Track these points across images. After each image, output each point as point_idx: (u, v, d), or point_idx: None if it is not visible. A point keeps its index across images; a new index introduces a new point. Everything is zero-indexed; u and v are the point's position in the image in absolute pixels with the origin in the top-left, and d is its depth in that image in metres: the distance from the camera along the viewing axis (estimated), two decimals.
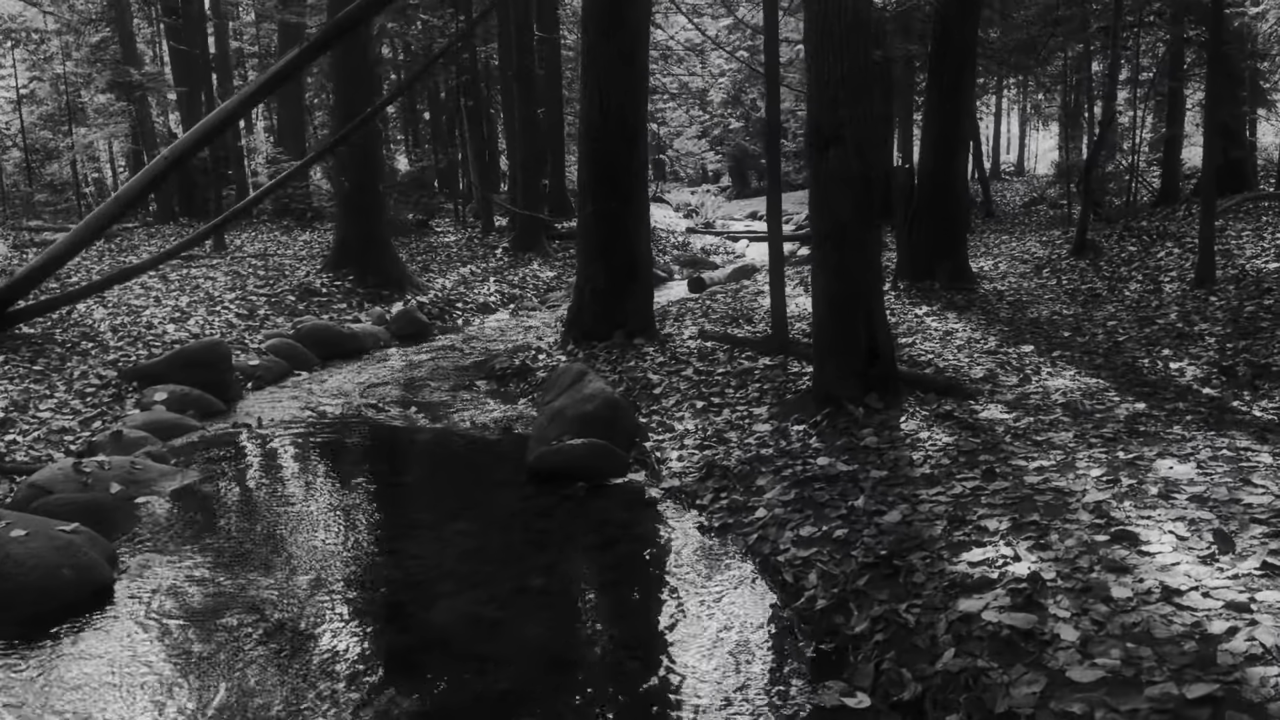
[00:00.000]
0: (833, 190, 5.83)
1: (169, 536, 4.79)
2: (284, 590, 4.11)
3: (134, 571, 4.38)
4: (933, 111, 11.67)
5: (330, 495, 5.51)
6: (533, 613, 3.96)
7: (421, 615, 3.93)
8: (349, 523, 5.03)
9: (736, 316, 10.56)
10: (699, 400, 6.75)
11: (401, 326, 11.12)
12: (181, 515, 5.08)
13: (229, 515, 5.18)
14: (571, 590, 4.24)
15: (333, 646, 3.64)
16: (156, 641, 3.72)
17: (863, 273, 5.90)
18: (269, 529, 4.90)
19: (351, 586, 4.22)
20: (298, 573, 4.32)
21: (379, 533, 4.92)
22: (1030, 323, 9.47)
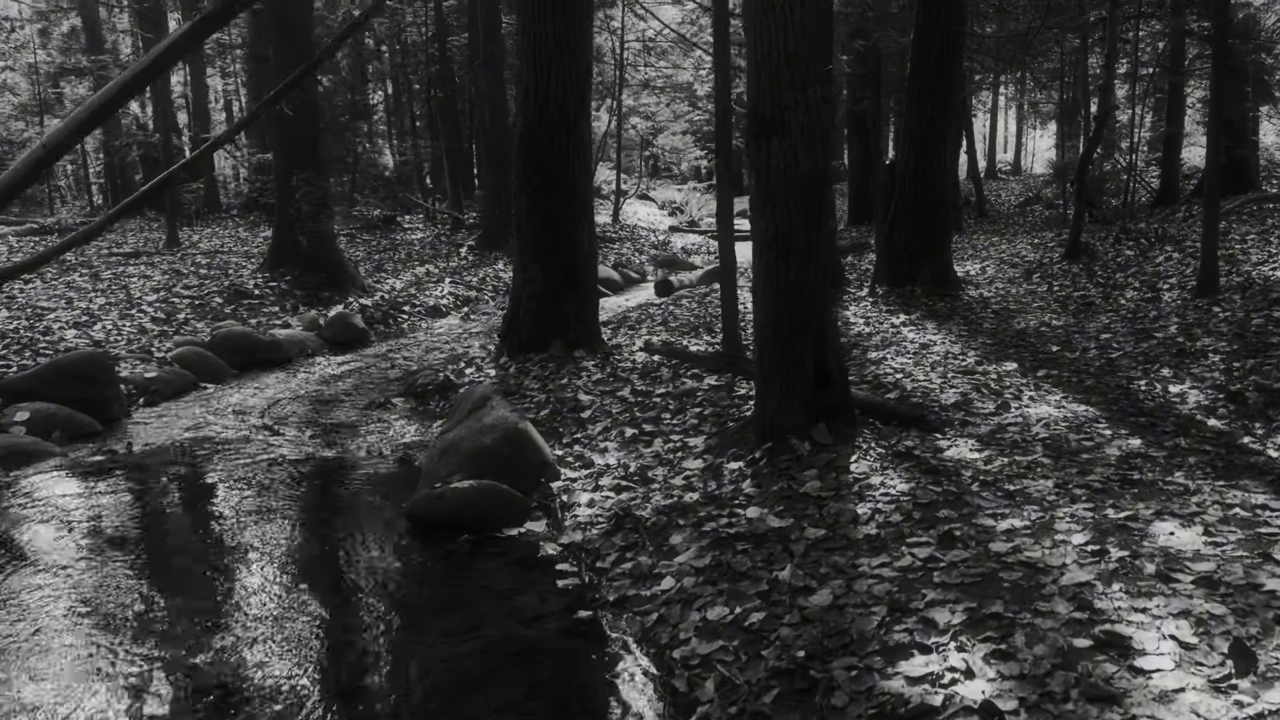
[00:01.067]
0: (776, 189, 4.95)
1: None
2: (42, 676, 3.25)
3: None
4: (914, 102, 10.80)
5: (155, 553, 4.61)
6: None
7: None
8: (158, 594, 4.13)
9: (698, 325, 9.69)
10: (630, 427, 5.88)
11: (335, 332, 10.24)
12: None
13: (16, 576, 4.29)
14: (401, 701, 3.33)
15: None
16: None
17: (812, 286, 5.03)
18: (50, 598, 4.01)
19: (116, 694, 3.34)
20: (67, 657, 3.45)
21: (195, 606, 4.02)
22: (1015, 335, 8.60)
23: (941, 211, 10.97)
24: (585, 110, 7.73)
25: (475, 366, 7.88)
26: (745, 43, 5.02)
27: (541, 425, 6.17)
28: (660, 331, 9.46)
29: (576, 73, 7.55)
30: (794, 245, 4.97)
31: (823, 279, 5.10)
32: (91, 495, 5.35)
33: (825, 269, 5.11)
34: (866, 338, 8.69)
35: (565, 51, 7.45)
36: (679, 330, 9.45)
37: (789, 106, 4.86)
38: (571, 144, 7.59)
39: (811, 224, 4.99)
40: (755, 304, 5.21)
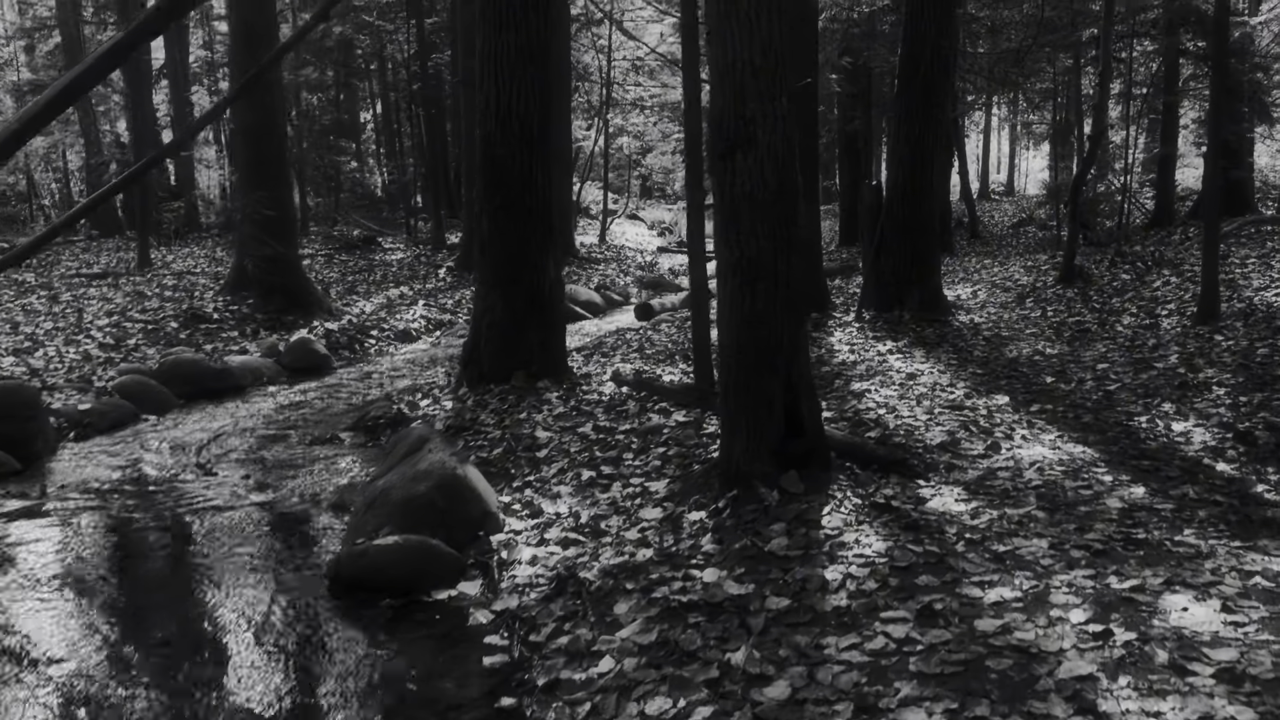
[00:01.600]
0: (742, 210, 4.49)
1: None
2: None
3: None
4: (903, 121, 10.39)
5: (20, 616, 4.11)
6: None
7: None
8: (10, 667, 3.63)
9: (674, 353, 9.22)
10: (588, 468, 5.39)
11: (295, 359, 9.75)
12: None
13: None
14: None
15: None
16: None
17: (781, 319, 4.56)
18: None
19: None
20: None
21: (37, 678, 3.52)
22: (1008, 364, 8.14)
23: (930, 233, 10.54)
24: (551, 126, 7.28)
25: (432, 398, 7.40)
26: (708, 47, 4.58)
27: (493, 465, 5.68)
28: (634, 359, 8.99)
29: (540, 86, 7.11)
30: (761, 272, 4.51)
31: (794, 310, 4.63)
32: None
33: (797, 299, 4.65)
34: (851, 366, 8.23)
35: (527, 63, 7.01)
36: (654, 358, 8.98)
37: (755, 120, 4.41)
38: (535, 161, 7.14)
39: (781, 249, 4.53)
40: (719, 337, 4.74)
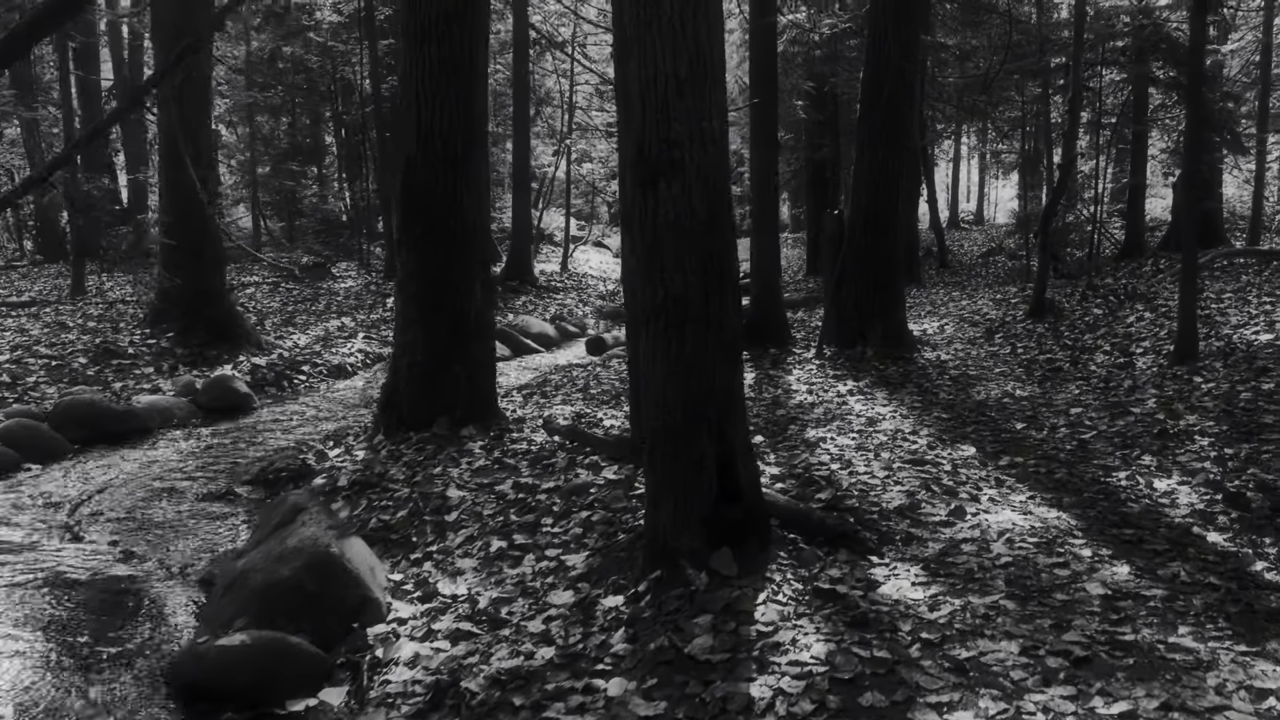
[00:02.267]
0: (666, 243, 3.88)
1: None
2: None
3: None
4: (865, 146, 9.89)
5: None
6: None
7: None
8: None
9: (620, 393, 8.58)
10: (499, 537, 4.72)
11: (212, 398, 9.01)
12: None
13: None
14: None
15: None
16: None
17: (713, 368, 3.94)
18: None
19: None
20: None
21: None
22: (975, 408, 7.58)
23: (894, 265, 10.02)
24: (477, 149, 6.66)
25: (345, 447, 6.70)
26: (630, 60, 3.99)
27: (394, 532, 5.00)
28: (577, 400, 8.34)
29: (466, 103, 6.50)
30: (690, 314, 3.89)
31: (728, 357, 4.01)
32: None
33: (731, 344, 4.03)
34: (808, 409, 7.63)
35: (452, 78, 6.40)
36: (598, 399, 8.34)
37: (682, 143, 3.81)
38: (459, 185, 6.51)
39: (712, 287, 3.92)
40: (644, 392, 4.11)
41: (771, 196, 10.30)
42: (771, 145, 10.19)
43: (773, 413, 7.58)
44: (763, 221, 10.34)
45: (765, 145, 10.14)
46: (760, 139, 10.17)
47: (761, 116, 10.07)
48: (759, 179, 10.28)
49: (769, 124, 10.16)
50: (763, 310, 10.42)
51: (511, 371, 11.34)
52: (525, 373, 11.03)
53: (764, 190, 10.26)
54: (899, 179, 9.80)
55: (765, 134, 10.14)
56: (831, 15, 11.01)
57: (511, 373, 11.23)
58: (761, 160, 10.18)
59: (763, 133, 10.13)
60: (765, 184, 10.25)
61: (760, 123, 10.12)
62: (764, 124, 10.12)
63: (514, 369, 11.61)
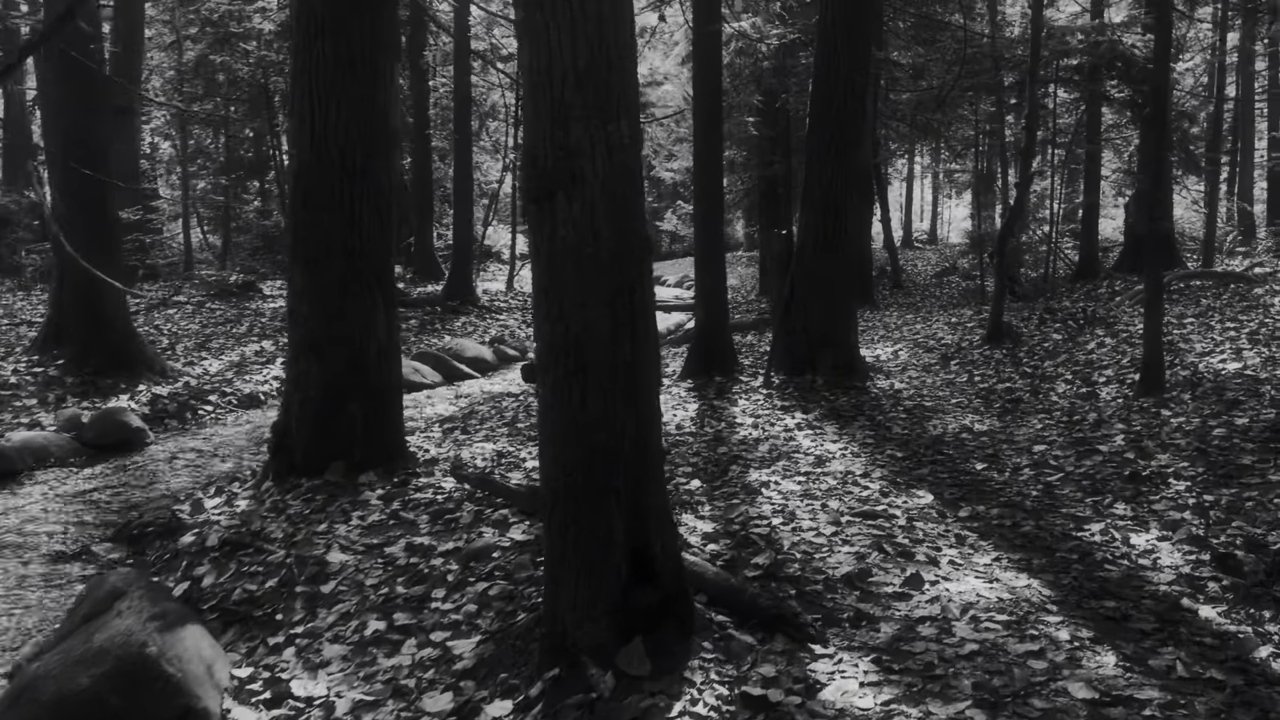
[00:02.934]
0: (565, 272, 3.21)
1: None
2: None
3: None
4: (815, 161, 9.33)
5: None
6: None
7: None
8: None
9: None
10: (378, 616, 3.99)
11: (99, 433, 8.14)
12: None
13: None
14: None
15: None
16: None
17: (624, 425, 3.27)
18: None
19: None
20: None
21: None
22: (931, 444, 6.99)
23: (846, 287, 9.45)
24: (384, 159, 5.94)
25: (227, 496, 5.91)
26: (518, 60, 3.31)
27: (260, 607, 4.25)
28: (502, 436, 7.62)
29: (367, 107, 5.79)
30: (593, 358, 3.22)
31: (643, 410, 3.34)
32: None
33: (646, 394, 3.36)
34: (752, 447, 6.99)
35: (350, 79, 5.69)
36: (525, 435, 7.63)
37: (581, 150, 3.14)
38: (359, 199, 5.79)
39: (622, 324, 3.25)
40: (541, 449, 3.42)
41: (716, 213, 9.69)
42: (716, 159, 9.60)
43: (714, 451, 6.93)
44: (708, 240, 9.73)
45: (710, 159, 9.54)
46: (705, 152, 9.57)
47: (706, 129, 9.47)
48: (703, 195, 9.68)
49: (714, 137, 9.57)
50: (708, 336, 9.79)
51: (440, 400, 10.58)
52: (454, 402, 10.28)
53: (709, 207, 9.66)
54: (850, 197, 9.25)
55: (710, 147, 9.54)
56: (779, 25, 10.46)
57: (440, 401, 10.47)
58: (706, 175, 9.58)
59: (707, 146, 9.53)
60: (710, 200, 9.65)
61: (705, 135, 9.52)
62: (709, 137, 9.52)
63: (443, 397, 10.85)
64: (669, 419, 8.02)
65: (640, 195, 3.32)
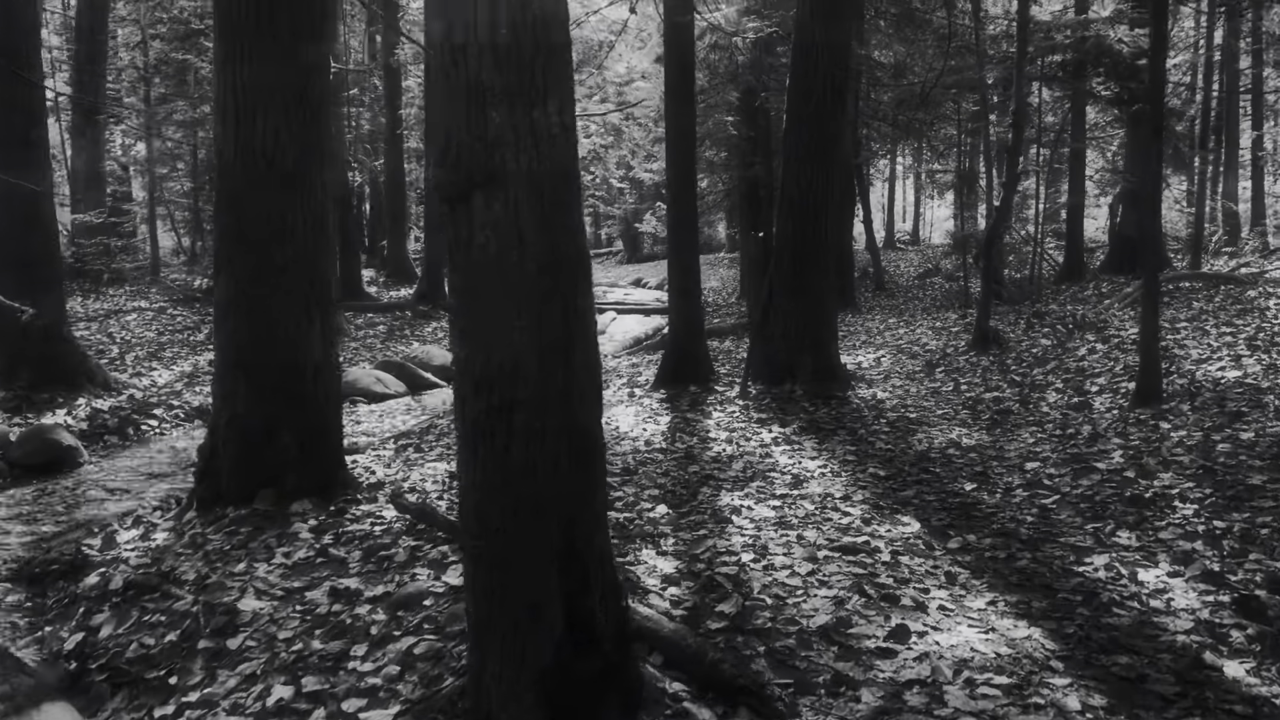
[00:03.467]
0: (488, 288, 2.71)
1: None
2: None
3: None
4: (793, 161, 8.86)
5: None
6: None
7: None
8: None
9: None
10: (286, 679, 3.47)
11: (27, 453, 7.57)
12: None
13: None
14: None
15: None
16: None
17: (559, 472, 2.77)
18: None
19: None
20: None
21: None
22: (916, 461, 6.53)
23: (825, 293, 8.98)
24: (318, 160, 5.42)
25: (145, 527, 5.37)
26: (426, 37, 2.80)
27: (154, 666, 3.72)
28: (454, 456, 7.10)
29: (302, 101, 5.26)
30: (521, 393, 2.72)
31: (583, 455, 2.84)
32: None
33: (585, 436, 2.86)
34: (725, 464, 6.51)
35: (279, 70, 5.16)
36: None
37: (503, 141, 2.64)
38: (294, 205, 5.26)
39: (553, 350, 2.75)
40: (460, 493, 2.91)
41: (689, 214, 9.20)
42: (689, 158, 9.11)
43: (684, 469, 6.44)
44: (681, 243, 9.24)
45: (682, 156, 9.06)
46: (677, 151, 9.09)
47: (678, 127, 8.99)
48: (677, 196, 9.19)
49: (687, 135, 9.08)
50: (682, 344, 9.30)
51: (400, 412, 10.05)
52: (413, 415, 9.75)
53: (682, 208, 9.17)
54: (830, 197, 8.79)
55: (682, 143, 9.06)
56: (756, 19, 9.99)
57: (400, 413, 9.94)
58: (679, 175, 9.09)
59: (679, 141, 9.04)
60: (683, 201, 9.16)
61: (677, 131, 9.04)
62: (680, 132, 9.04)
63: (405, 408, 10.31)
64: (638, 434, 7.54)
65: (576, 196, 2.82)
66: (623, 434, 7.57)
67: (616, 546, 4.55)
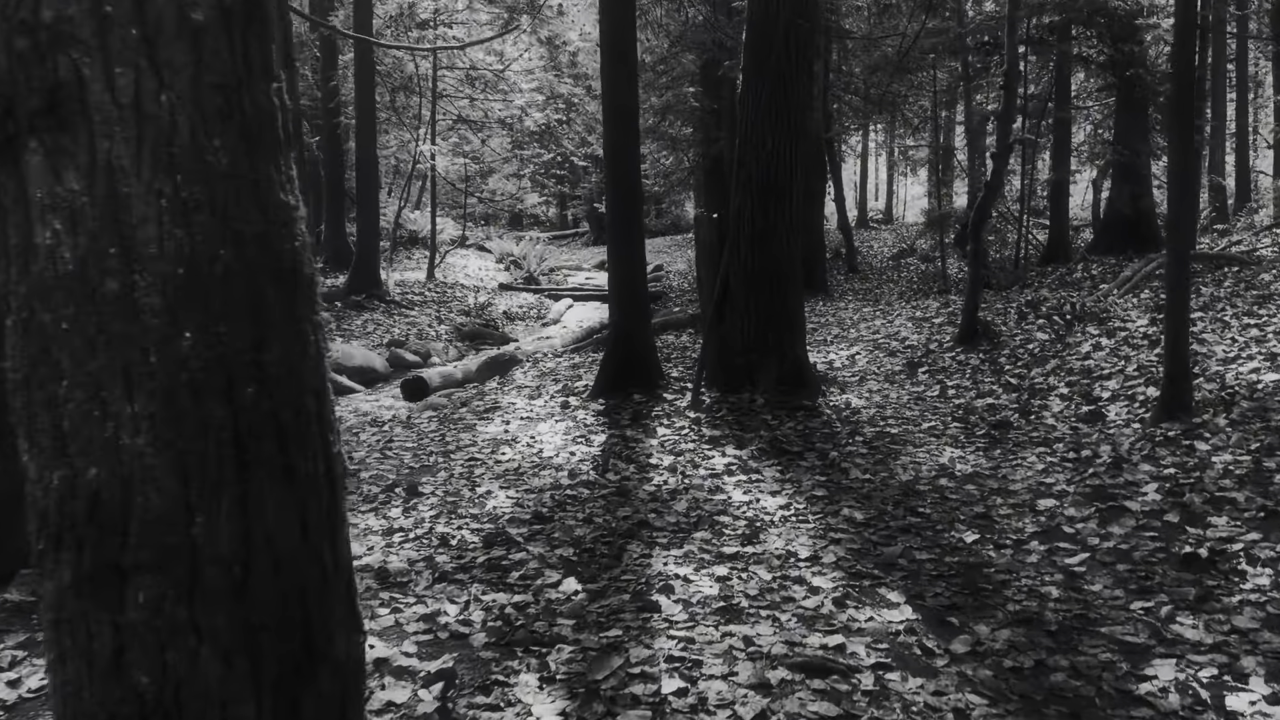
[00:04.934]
0: (64, 336, 1.32)
1: None
2: None
3: None
4: (749, 126, 7.50)
5: None
6: None
7: None
8: None
9: (395, 484, 6.04)
10: None
11: None
12: None
13: None
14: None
15: None
16: None
17: (231, 702, 1.40)
18: None
19: None
20: None
21: None
22: (900, 496, 5.24)
23: (791, 283, 7.65)
24: None
25: None
26: None
27: None
28: None
29: None
30: (146, 552, 1.34)
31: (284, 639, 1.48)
32: None
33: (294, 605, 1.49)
34: (665, 505, 5.19)
35: None
36: (362, 497, 5.75)
37: (76, 38, 1.25)
38: None
39: (216, 461, 1.37)
40: (51, 691, 1.54)
41: (630, 192, 7.83)
42: (629, 125, 7.73)
43: (613, 513, 5.12)
44: (621, 229, 7.87)
45: (621, 124, 7.68)
46: (614, 122, 7.70)
47: (614, 84, 7.60)
48: (613, 170, 7.82)
49: (625, 96, 7.69)
50: (624, 344, 7.95)
51: None
52: None
53: (620, 184, 7.80)
54: (795, 171, 7.44)
55: (619, 116, 7.67)
56: None
57: None
58: (617, 145, 7.72)
59: (617, 109, 7.66)
60: (621, 179, 7.79)
61: (613, 93, 7.65)
62: (618, 96, 7.65)
63: None
64: (564, 460, 6.21)
65: (275, 156, 1.45)
66: (545, 460, 6.23)
67: (489, 665, 3.22)
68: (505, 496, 5.46)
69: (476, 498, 5.48)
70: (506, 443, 6.72)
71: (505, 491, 5.57)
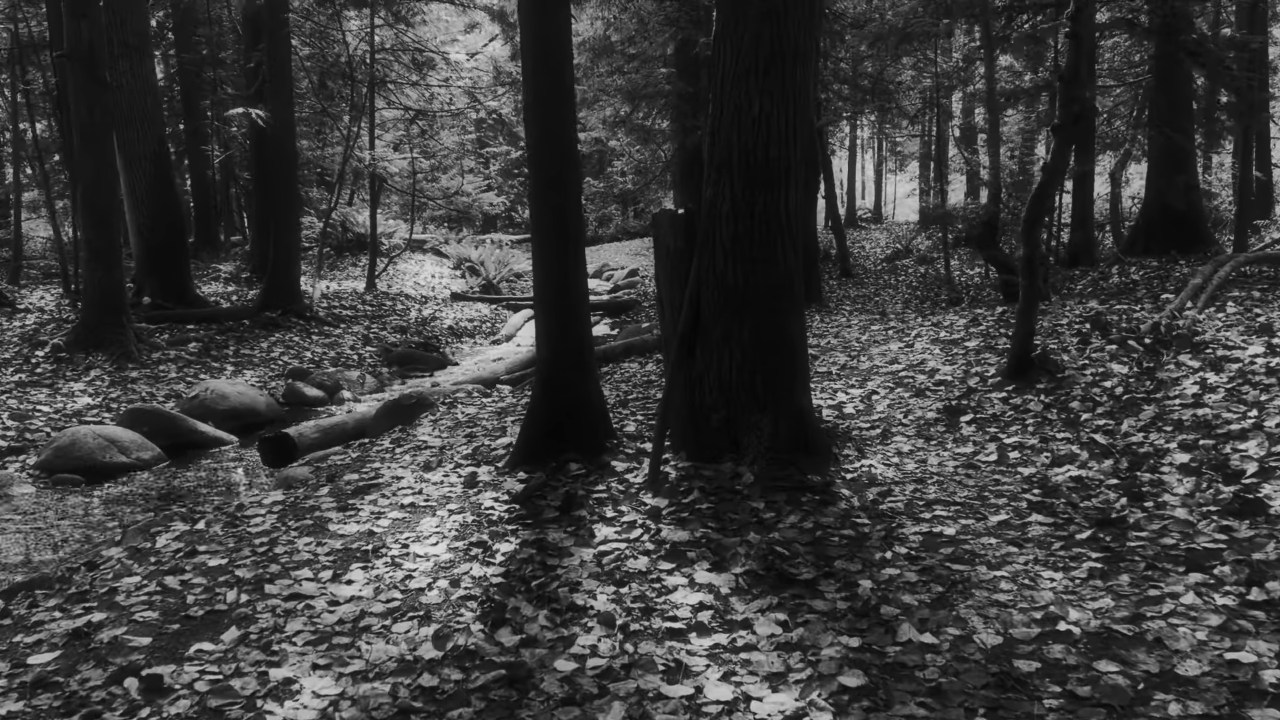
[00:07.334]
0: None
1: None
2: None
3: None
4: (727, 90, 5.25)
5: None
6: None
7: None
8: None
9: (183, 611, 3.72)
10: None
11: None
12: None
13: None
14: None
15: None
16: None
17: None
18: None
19: None
20: None
21: None
22: (994, 687, 2.99)
23: (788, 301, 5.39)
24: None
25: None
26: None
27: None
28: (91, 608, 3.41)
29: None
30: None
31: None
32: None
33: None
34: (590, 707, 2.93)
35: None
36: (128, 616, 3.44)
37: None
38: None
39: None
40: None
41: (564, 193, 5.54)
42: (566, 106, 5.47)
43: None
44: (550, 241, 5.61)
45: (552, 105, 5.42)
46: (537, 94, 5.45)
47: (536, 54, 5.35)
48: (538, 161, 5.56)
49: (550, 67, 5.42)
50: (555, 391, 5.69)
51: (96, 506, 6.29)
52: (114, 507, 6.02)
53: (545, 174, 5.54)
54: (793, 142, 5.20)
55: (543, 84, 5.41)
56: None
57: (97, 508, 6.19)
58: (539, 133, 5.47)
59: (537, 81, 5.40)
60: (549, 169, 5.52)
61: (535, 65, 5.39)
62: (541, 68, 5.39)
63: (116, 498, 6.56)
64: (438, 598, 3.94)
65: None
66: (409, 599, 3.94)
67: None
68: (313, 694, 3.18)
69: (262, 695, 3.19)
70: (362, 559, 4.43)
71: (317, 678, 3.28)
